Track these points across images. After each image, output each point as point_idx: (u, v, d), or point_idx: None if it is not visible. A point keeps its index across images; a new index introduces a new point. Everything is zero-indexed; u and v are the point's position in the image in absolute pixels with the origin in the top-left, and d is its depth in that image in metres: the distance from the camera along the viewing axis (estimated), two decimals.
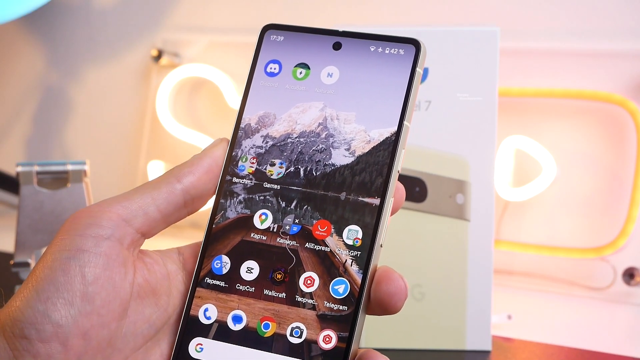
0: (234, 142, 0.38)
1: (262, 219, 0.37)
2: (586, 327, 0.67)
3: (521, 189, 0.77)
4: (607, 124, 0.75)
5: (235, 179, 0.38)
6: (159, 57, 0.94)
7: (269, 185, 0.37)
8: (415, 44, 0.37)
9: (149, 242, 0.37)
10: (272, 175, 0.37)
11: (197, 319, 0.36)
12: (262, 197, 0.37)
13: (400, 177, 0.56)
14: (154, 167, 0.95)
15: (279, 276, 0.36)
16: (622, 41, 0.75)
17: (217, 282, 0.36)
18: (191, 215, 0.38)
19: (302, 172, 0.37)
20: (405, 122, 0.36)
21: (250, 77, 0.39)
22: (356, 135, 0.37)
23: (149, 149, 0.97)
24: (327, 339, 0.34)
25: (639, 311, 0.71)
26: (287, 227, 0.36)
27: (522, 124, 0.78)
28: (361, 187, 0.36)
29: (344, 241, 0.35)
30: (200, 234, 0.43)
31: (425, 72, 0.56)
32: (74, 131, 1.06)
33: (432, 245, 0.57)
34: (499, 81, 0.57)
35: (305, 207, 0.36)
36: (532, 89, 0.76)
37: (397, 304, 0.34)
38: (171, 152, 0.96)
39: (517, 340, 0.60)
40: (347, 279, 0.35)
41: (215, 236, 0.37)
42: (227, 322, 0.36)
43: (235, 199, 0.37)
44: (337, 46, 0.38)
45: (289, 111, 0.38)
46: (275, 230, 0.37)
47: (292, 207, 0.37)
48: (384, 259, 0.55)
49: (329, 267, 0.35)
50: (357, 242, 0.35)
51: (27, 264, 0.57)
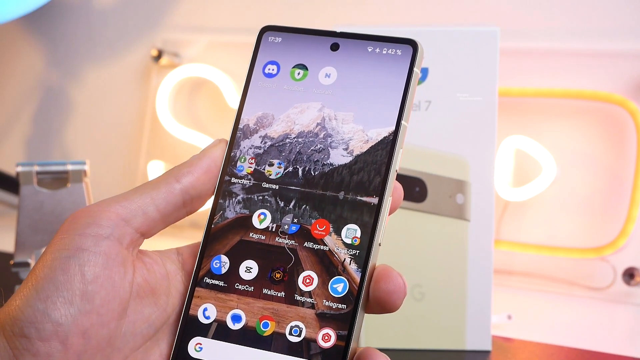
0: (233, 143, 0.38)
1: (261, 219, 0.37)
2: (586, 327, 0.67)
3: (521, 189, 0.77)
4: (607, 124, 0.75)
5: (234, 179, 0.38)
6: (159, 57, 0.94)
7: (267, 185, 0.37)
8: (412, 44, 0.37)
9: (148, 242, 0.37)
10: (270, 175, 0.37)
11: (196, 318, 0.36)
12: (260, 197, 0.37)
13: (400, 177, 0.56)
14: (154, 167, 0.95)
15: (278, 275, 0.36)
16: (622, 41, 0.75)
17: (216, 282, 0.37)
18: (190, 215, 0.38)
19: (300, 172, 0.37)
20: (403, 122, 0.36)
21: (248, 78, 0.39)
22: (354, 135, 0.37)
23: (149, 149, 0.97)
24: (326, 338, 0.34)
25: (639, 311, 0.71)
26: (286, 227, 0.37)
27: (522, 124, 0.78)
28: (359, 186, 0.36)
29: (342, 240, 0.36)
30: (199, 234, 0.43)
31: (425, 72, 0.56)
32: (74, 131, 1.06)
33: (432, 245, 0.57)
34: (499, 81, 0.57)
35: (303, 206, 0.36)
36: (532, 89, 0.76)
37: (396, 302, 0.34)
38: (171, 152, 0.96)
39: (517, 340, 0.60)
40: (345, 278, 0.35)
41: (214, 236, 0.37)
42: (226, 322, 0.36)
43: (234, 199, 0.37)
44: (334, 47, 0.38)
45: (287, 112, 0.38)
46: (274, 229, 0.37)
47: (291, 206, 0.37)
48: (384, 259, 0.55)
49: (328, 266, 0.35)
50: (355, 240, 0.35)
51: (27, 264, 0.57)
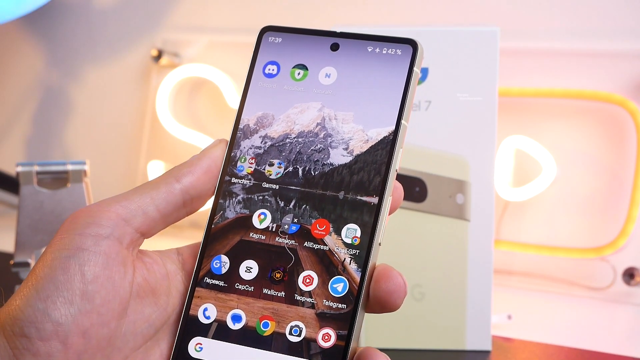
0: (233, 143, 0.38)
1: (261, 219, 0.37)
2: (586, 327, 0.67)
3: (521, 189, 0.77)
4: (607, 124, 0.75)
5: (234, 179, 0.38)
6: (159, 57, 0.94)
7: (267, 185, 0.37)
8: (412, 44, 0.37)
9: (148, 242, 0.37)
10: (270, 175, 0.37)
11: (196, 318, 0.36)
12: (261, 197, 0.37)
13: (400, 177, 0.56)
14: (154, 167, 0.95)
15: (278, 275, 0.36)
16: (622, 41, 0.75)
17: (217, 282, 0.37)
18: (190, 215, 0.38)
19: (300, 172, 0.37)
20: (403, 122, 0.36)
21: (248, 78, 0.39)
22: (354, 134, 0.37)
23: (149, 149, 0.97)
24: (327, 337, 0.34)
25: (639, 311, 0.71)
26: (286, 227, 0.37)
27: (522, 124, 0.78)
28: (359, 186, 0.36)
29: (342, 240, 0.36)
30: (199, 234, 0.43)
31: (425, 72, 0.56)
32: (74, 131, 1.06)
33: (432, 245, 0.57)
34: (499, 81, 0.57)
35: (303, 206, 0.36)
36: (532, 89, 0.76)
37: (396, 301, 0.34)
38: (171, 152, 0.96)
39: (517, 340, 0.60)
40: (345, 277, 0.35)
41: (214, 236, 0.37)
42: (226, 322, 0.36)
43: (234, 199, 0.37)
44: (334, 47, 0.38)
45: (287, 112, 0.38)
46: (274, 229, 0.37)
47: (291, 206, 0.37)
48: (384, 259, 0.55)
49: (328, 266, 0.35)
50: (355, 240, 0.35)
51: (27, 264, 0.57)
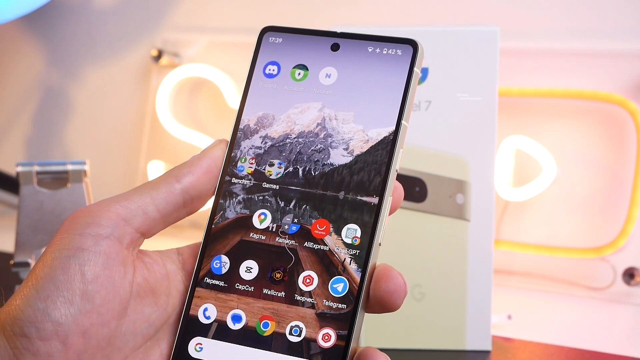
0: (233, 143, 0.38)
1: (261, 219, 0.37)
2: (586, 327, 0.67)
3: (521, 189, 0.77)
4: (607, 124, 0.75)
5: (234, 179, 0.38)
6: (159, 57, 0.94)
7: (267, 185, 0.37)
8: (412, 44, 0.37)
9: (148, 242, 0.37)
10: (271, 175, 0.37)
11: (196, 318, 0.36)
12: (261, 197, 0.37)
13: (400, 177, 0.56)
14: (154, 167, 0.95)
15: (278, 275, 0.36)
16: (622, 41, 0.75)
17: (217, 282, 0.37)
18: (191, 215, 0.38)
19: (300, 172, 0.37)
20: (403, 122, 0.36)
21: (249, 78, 0.39)
22: (354, 135, 0.37)
23: (149, 149, 0.97)
24: (327, 337, 0.34)
25: (639, 311, 0.71)
26: (286, 227, 0.37)
27: (522, 124, 0.78)
28: (359, 186, 0.36)
29: (342, 240, 0.36)
30: (199, 234, 0.43)
31: (425, 72, 0.56)
32: (74, 131, 1.06)
33: (432, 245, 0.57)
34: (499, 81, 0.57)
35: (304, 206, 0.36)
36: (532, 89, 0.76)
37: (396, 301, 0.34)
38: (171, 152, 0.96)
39: (517, 340, 0.60)
40: (346, 277, 0.35)
41: (214, 236, 0.37)
42: (226, 322, 0.36)
43: (234, 199, 0.37)
44: (335, 47, 0.38)
45: (288, 112, 0.38)
46: (274, 229, 0.37)
47: (291, 206, 0.37)
48: (384, 259, 0.55)
49: (328, 266, 0.35)
50: (355, 240, 0.35)
51: (27, 264, 0.57)
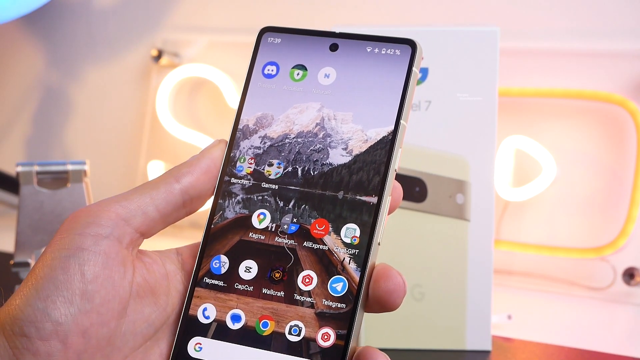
0: (232, 143, 0.38)
1: (261, 219, 0.37)
2: (586, 327, 0.67)
3: (521, 189, 0.77)
4: (607, 124, 0.75)
5: (233, 179, 0.38)
6: (159, 57, 0.94)
7: (267, 185, 0.37)
8: (411, 44, 0.37)
9: (148, 242, 0.37)
10: (270, 175, 0.37)
11: (195, 318, 0.36)
12: (260, 197, 0.37)
13: (400, 177, 0.56)
14: (154, 167, 0.95)
15: (277, 275, 0.36)
16: (622, 41, 0.75)
17: (216, 282, 0.37)
18: (190, 215, 0.38)
19: (299, 172, 0.37)
20: (402, 122, 0.36)
21: (248, 78, 0.39)
22: (353, 134, 0.37)
23: (149, 149, 0.97)
24: (326, 337, 0.34)
25: (639, 311, 0.71)
26: (285, 227, 0.37)
27: (522, 124, 0.78)
28: (358, 185, 0.36)
29: (341, 239, 0.36)
30: (199, 234, 0.43)
31: (425, 72, 0.56)
32: (74, 131, 1.06)
33: (432, 245, 0.57)
34: (499, 81, 0.57)
35: (303, 206, 0.36)
36: (532, 89, 0.76)
37: (396, 301, 0.34)
38: (171, 152, 0.96)
39: (517, 340, 0.60)
40: (345, 277, 0.35)
41: (214, 236, 0.37)
42: (225, 321, 0.36)
43: (233, 199, 0.38)
44: (333, 47, 0.38)
45: (287, 112, 0.38)
46: (273, 229, 0.37)
47: (290, 206, 0.37)
48: (384, 259, 0.55)
49: (327, 266, 0.35)
50: (354, 240, 0.35)
51: (27, 264, 0.57)
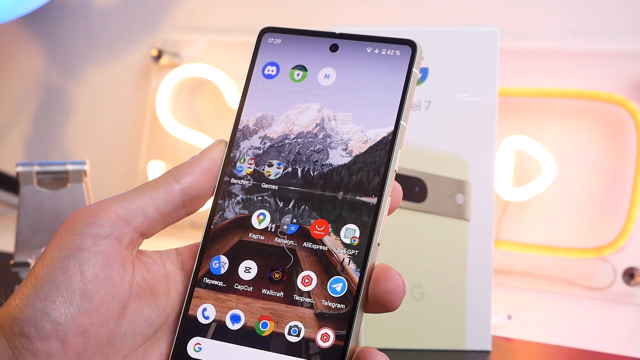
0: (232, 144, 0.38)
1: (260, 219, 0.37)
2: (586, 327, 0.67)
3: (521, 189, 0.77)
4: (607, 124, 0.75)
5: (233, 180, 0.38)
6: (159, 57, 0.94)
7: (266, 185, 0.37)
8: (411, 44, 0.37)
9: (148, 242, 0.37)
10: (270, 175, 0.37)
11: (195, 318, 0.36)
12: (260, 198, 0.37)
13: (400, 177, 0.56)
14: (154, 167, 0.95)
15: (277, 275, 0.36)
16: (622, 41, 0.75)
17: (216, 282, 0.37)
18: (190, 215, 0.38)
19: (299, 173, 0.37)
20: (402, 122, 0.36)
21: (248, 79, 0.39)
22: (353, 135, 0.37)
23: (149, 149, 0.97)
24: (325, 337, 0.34)
25: (639, 311, 0.71)
26: (285, 227, 0.37)
27: (522, 124, 0.78)
28: (358, 186, 0.36)
29: (341, 240, 0.36)
30: (199, 234, 0.43)
31: (425, 72, 0.56)
32: (74, 131, 1.06)
33: (432, 245, 0.57)
34: (499, 81, 0.57)
35: (302, 206, 0.36)
36: (532, 89, 0.76)
37: (395, 301, 0.34)
38: (171, 152, 0.96)
39: (517, 340, 0.60)
40: (344, 278, 0.35)
41: (213, 236, 0.37)
42: (225, 322, 0.36)
43: (233, 199, 0.38)
44: (334, 48, 0.38)
45: (287, 112, 0.38)
46: (273, 230, 0.37)
47: (290, 207, 0.37)
48: (384, 259, 0.55)
49: (327, 266, 0.35)
50: (354, 240, 0.35)
51: (27, 264, 0.57)
